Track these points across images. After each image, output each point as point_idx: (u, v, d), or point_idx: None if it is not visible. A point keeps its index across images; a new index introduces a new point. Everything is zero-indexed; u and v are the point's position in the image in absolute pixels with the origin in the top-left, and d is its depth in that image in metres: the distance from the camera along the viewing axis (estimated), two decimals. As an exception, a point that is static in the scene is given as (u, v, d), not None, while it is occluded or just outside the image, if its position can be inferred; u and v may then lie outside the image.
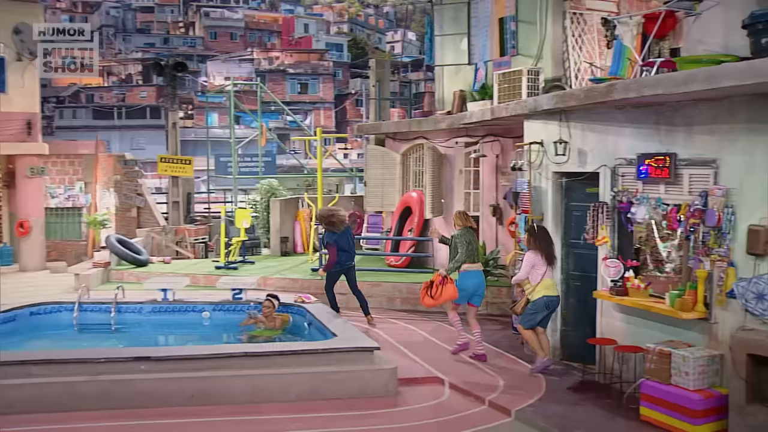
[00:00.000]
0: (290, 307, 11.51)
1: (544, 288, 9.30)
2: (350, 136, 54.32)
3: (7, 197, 20.13)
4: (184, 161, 20.76)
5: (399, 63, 46.64)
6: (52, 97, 61.88)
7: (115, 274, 16.44)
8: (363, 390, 8.58)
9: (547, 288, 9.31)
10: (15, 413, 7.91)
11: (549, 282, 9.36)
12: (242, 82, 43.71)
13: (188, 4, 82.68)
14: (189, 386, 8.31)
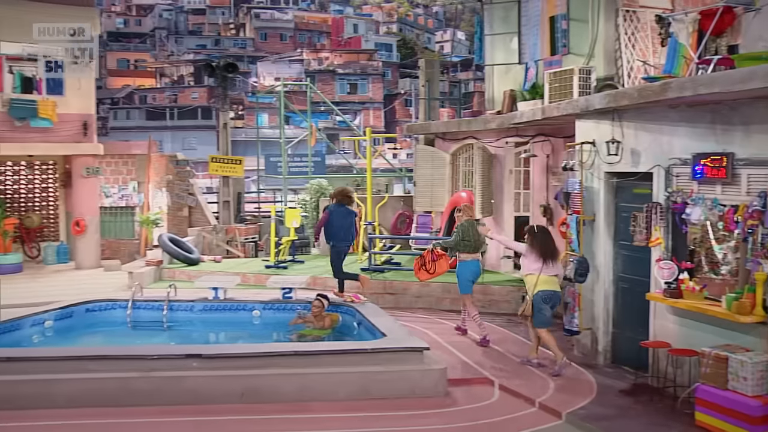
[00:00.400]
0: (339, 306, 11.54)
1: (540, 284, 9.58)
2: (399, 136, 54.34)
3: (64, 197, 20.59)
4: (234, 161, 20.97)
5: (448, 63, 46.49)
6: (107, 98, 63.09)
7: (167, 273, 16.67)
8: (412, 390, 8.56)
9: (543, 283, 9.59)
10: (72, 407, 8.08)
11: (545, 278, 9.63)
12: (292, 83, 44.04)
13: (239, 6, 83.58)
14: (239, 384, 8.38)
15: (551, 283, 9.70)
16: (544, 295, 9.60)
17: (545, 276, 9.65)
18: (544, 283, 9.63)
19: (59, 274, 18.53)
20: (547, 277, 9.67)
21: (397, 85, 69.93)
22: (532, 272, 9.67)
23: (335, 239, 12.28)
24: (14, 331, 10.57)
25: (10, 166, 20.33)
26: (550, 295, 9.64)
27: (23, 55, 19.13)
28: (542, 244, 9.73)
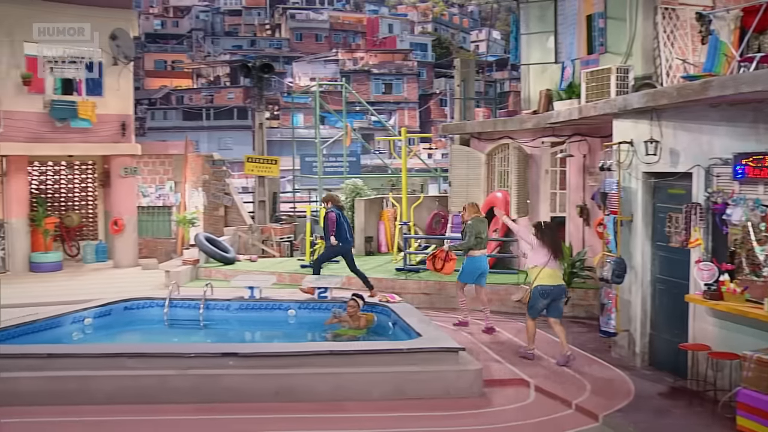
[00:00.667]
0: (375, 306, 11.55)
1: (542, 278, 9.92)
2: (434, 135, 54.22)
3: (103, 196, 20.86)
4: (270, 161, 21.08)
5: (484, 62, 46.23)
6: (145, 99, 63.87)
7: (204, 272, 16.81)
8: (447, 391, 8.53)
9: (545, 277, 9.91)
10: (111, 403, 8.18)
11: (548, 272, 9.93)
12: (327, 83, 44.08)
13: (274, 7, 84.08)
14: (274, 383, 8.42)
15: (554, 277, 10.00)
16: (543, 290, 9.91)
17: (549, 270, 9.92)
18: (547, 277, 9.92)
19: (98, 272, 18.79)
20: (551, 270, 9.96)
21: (432, 85, 69.85)
22: (538, 265, 9.97)
23: (344, 240, 13.43)
24: (55, 328, 10.75)
25: (51, 166, 20.64)
26: (549, 290, 9.92)
27: (64, 57, 19.43)
28: (552, 241, 10.10)
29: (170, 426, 7.73)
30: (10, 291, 16.09)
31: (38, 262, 18.85)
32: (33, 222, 19.23)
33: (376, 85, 66.63)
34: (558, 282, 10.07)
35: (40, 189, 20.33)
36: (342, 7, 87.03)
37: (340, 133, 24.31)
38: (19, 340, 9.95)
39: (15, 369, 8.44)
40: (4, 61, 17.95)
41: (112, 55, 19.33)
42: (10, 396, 8.19)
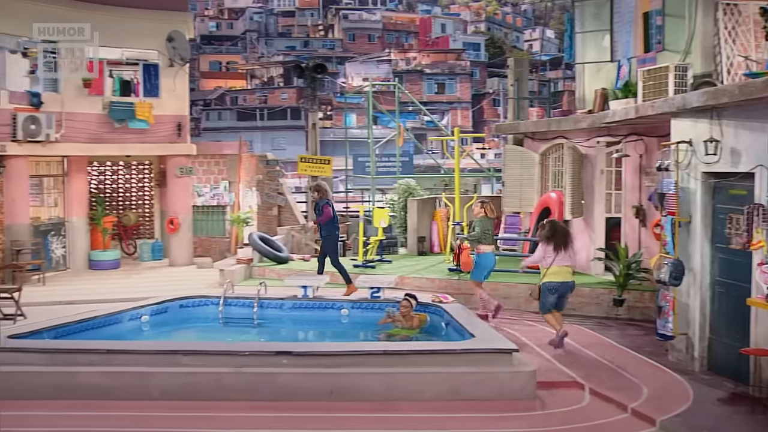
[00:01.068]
0: (428, 306, 11.52)
1: (551, 275, 10.51)
2: (487, 135, 53.95)
3: (159, 195, 21.22)
4: (323, 161, 21.18)
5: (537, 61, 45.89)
6: (200, 100, 64.74)
7: (257, 271, 16.97)
8: (501, 392, 8.47)
9: (553, 275, 10.50)
10: (166, 399, 8.31)
11: (557, 269, 10.51)
12: (380, 83, 44.22)
13: (327, 7, 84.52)
14: (328, 382, 8.46)
15: (561, 274, 10.55)
16: (551, 286, 10.52)
17: (556, 267, 10.49)
18: (554, 274, 10.50)
19: (154, 270, 19.12)
20: (558, 268, 10.51)
21: (485, 85, 69.50)
22: (547, 263, 10.55)
23: (336, 230, 13.75)
24: (113, 324, 10.97)
25: (109, 165, 21.08)
26: (557, 287, 10.53)
27: (122, 60, 19.84)
28: (555, 237, 10.58)
29: (224, 423, 7.81)
30: (71, 288, 16.50)
31: (97, 260, 19.27)
32: (92, 221, 19.66)
33: (428, 85, 66.55)
34: (566, 279, 10.58)
35: (98, 188, 20.78)
36: (395, 7, 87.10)
37: (393, 133, 24.33)
38: (79, 335, 10.19)
39: (76, 363, 8.65)
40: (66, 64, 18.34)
41: (169, 56, 19.64)
42: (70, 389, 8.39)
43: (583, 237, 14.83)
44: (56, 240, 18.81)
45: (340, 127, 50.76)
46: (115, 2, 18.76)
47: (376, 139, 24.20)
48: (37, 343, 9.19)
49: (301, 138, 50.59)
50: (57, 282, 17.39)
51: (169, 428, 7.63)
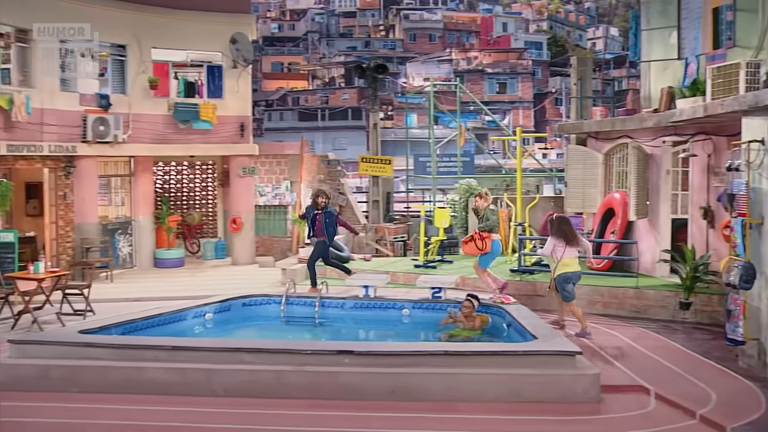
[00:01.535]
0: (489, 307, 11.44)
1: (562, 266, 11.35)
2: (550, 135, 53.39)
3: (222, 195, 21.53)
4: (384, 161, 21.24)
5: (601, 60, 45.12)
6: (262, 100, 65.49)
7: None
8: (563, 395, 8.35)
9: (566, 266, 11.34)
10: (229, 396, 8.42)
11: (567, 260, 11.36)
12: (441, 83, 44.11)
13: (388, 8, 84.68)
14: (389, 381, 8.45)
15: (573, 264, 11.41)
16: (566, 276, 11.33)
17: (566, 259, 11.31)
18: (565, 265, 11.33)
19: (217, 269, 19.40)
20: (567, 260, 11.34)
21: (548, 84, 68.77)
22: (558, 256, 11.35)
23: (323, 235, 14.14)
24: (178, 321, 11.18)
25: (174, 166, 21.48)
26: (569, 277, 11.36)
27: (187, 62, 20.20)
28: (563, 231, 11.36)
29: (285, 420, 7.87)
30: (137, 285, 16.87)
31: (162, 258, 19.65)
32: (157, 220, 20.06)
33: (490, 85, 66.17)
34: (575, 269, 11.48)
35: (164, 188, 21.19)
36: (456, 6, 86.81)
37: (454, 133, 24.25)
38: (145, 332, 10.41)
39: (142, 359, 8.83)
40: (133, 67, 18.79)
41: (232, 58, 19.92)
42: (138, 384, 8.57)
43: (648, 238, 14.55)
44: (123, 238, 19.25)
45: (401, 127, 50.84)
46: (179, 6, 19.13)
47: (437, 139, 24.12)
48: (106, 338, 9.42)
49: (362, 138, 50.75)
50: (124, 279, 17.80)
51: (232, 424, 7.72)
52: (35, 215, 18.66)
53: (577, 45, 79.00)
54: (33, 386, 8.73)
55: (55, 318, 12.90)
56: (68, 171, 17.62)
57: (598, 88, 26.96)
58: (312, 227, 14.22)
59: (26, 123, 16.01)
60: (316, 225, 14.10)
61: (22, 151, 16.10)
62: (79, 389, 8.62)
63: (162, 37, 19.17)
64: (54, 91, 17.01)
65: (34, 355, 9.07)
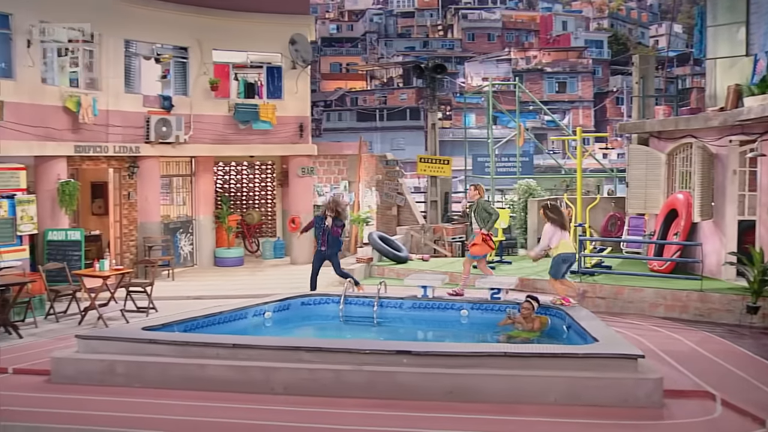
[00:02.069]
0: (549, 309, 11.31)
1: (561, 248, 11.70)
2: (610, 135, 52.62)
3: (281, 195, 21.74)
4: (442, 161, 21.18)
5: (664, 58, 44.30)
6: (321, 101, 65.97)
7: (377, 270, 17.12)
8: (625, 399, 8.19)
9: (563, 247, 11.71)
10: (288, 394, 8.48)
11: (564, 242, 11.75)
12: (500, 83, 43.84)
13: (447, 7, 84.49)
14: (448, 382, 8.41)
15: (568, 246, 11.86)
16: (564, 257, 11.78)
17: (564, 241, 11.77)
18: (563, 246, 11.76)
19: (276, 268, 19.59)
20: (565, 241, 11.80)
21: (608, 83, 67.78)
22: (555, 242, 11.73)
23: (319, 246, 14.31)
24: (239, 320, 11.30)
25: (234, 166, 21.76)
26: (568, 257, 11.85)
27: (247, 63, 20.46)
28: (559, 218, 11.81)
29: (343, 419, 7.88)
30: (198, 283, 17.14)
31: (222, 257, 19.93)
32: (218, 219, 20.35)
33: (549, 84, 65.52)
34: (572, 250, 12.00)
35: (224, 188, 21.50)
36: (515, 5, 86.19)
37: (513, 132, 24.07)
38: (206, 329, 10.55)
39: (204, 356, 8.95)
40: (194, 69, 19.10)
41: (291, 59, 20.10)
42: (199, 380, 8.69)
43: (713, 240, 14.22)
44: (184, 237, 19.58)
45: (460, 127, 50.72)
46: (240, 8, 19.38)
47: (495, 139, 23.98)
48: (169, 335, 9.57)
49: (420, 138, 50.75)
50: (185, 277, 18.10)
51: (291, 422, 7.76)
52: (100, 214, 19.13)
53: (639, 43, 77.72)
54: (99, 380, 8.94)
55: (119, 315, 13.19)
56: (132, 171, 18.00)
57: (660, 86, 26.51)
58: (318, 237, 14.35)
59: (92, 124, 16.41)
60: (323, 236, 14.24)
61: (88, 151, 16.50)
62: (142, 384, 8.79)
63: (223, 39, 19.45)
64: (119, 93, 17.40)
65: (100, 350, 9.28)
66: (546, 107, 33.93)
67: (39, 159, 15.55)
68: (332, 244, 14.19)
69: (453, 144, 45.68)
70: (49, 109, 15.63)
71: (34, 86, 15.27)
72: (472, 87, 60.34)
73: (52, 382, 9.14)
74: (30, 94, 15.14)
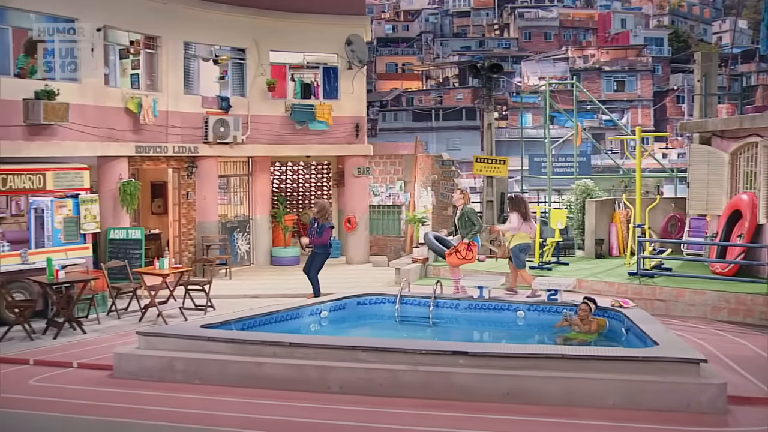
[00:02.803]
0: (607, 311, 11.14)
1: (518, 238, 12.82)
2: (670, 134, 51.65)
3: (337, 195, 21.84)
4: (498, 161, 21.00)
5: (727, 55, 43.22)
6: (376, 101, 66.09)
7: (432, 270, 17.07)
8: (687, 405, 8.00)
9: (521, 238, 12.84)
10: (345, 393, 8.50)
11: (521, 234, 12.80)
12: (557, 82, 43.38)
13: (503, 6, 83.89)
14: (504, 383, 8.33)
15: (526, 237, 12.89)
16: (521, 246, 12.89)
17: (522, 233, 12.79)
18: (521, 237, 12.82)
19: (331, 268, 19.59)
20: (523, 233, 12.81)
21: (668, 81, 66.50)
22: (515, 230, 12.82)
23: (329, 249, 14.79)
24: (295, 318, 11.39)
25: (290, 165, 21.94)
26: (525, 246, 12.96)
27: (303, 64, 20.61)
28: (523, 207, 12.84)
29: (399, 419, 7.87)
30: (254, 282, 17.33)
31: (278, 256, 20.12)
32: (274, 218, 20.54)
33: (607, 83, 64.57)
34: (528, 240, 13.01)
35: (280, 188, 21.68)
36: (572, 3, 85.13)
37: (570, 132, 23.75)
38: (263, 328, 10.65)
39: (261, 354, 9.03)
40: (252, 70, 19.31)
41: (347, 59, 20.18)
42: (256, 378, 8.78)
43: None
44: (241, 236, 19.81)
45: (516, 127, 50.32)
46: (296, 9, 19.55)
47: (552, 138, 23.72)
48: (227, 333, 9.68)
49: (476, 138, 50.50)
50: (241, 276, 18.32)
51: (347, 421, 7.79)
52: (159, 213, 19.47)
53: (701, 39, 76.10)
54: (159, 377, 9.10)
55: (178, 312, 13.40)
56: (190, 171, 18.28)
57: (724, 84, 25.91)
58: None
59: (153, 125, 16.71)
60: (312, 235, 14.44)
61: (148, 152, 16.81)
62: (201, 381, 8.92)
63: (279, 40, 19.63)
64: (178, 95, 17.69)
65: (160, 347, 9.44)
66: (604, 106, 33.45)
67: (102, 159, 15.90)
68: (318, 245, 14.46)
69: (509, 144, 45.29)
70: (112, 110, 15.96)
71: (97, 88, 15.62)
72: (528, 86, 59.84)
73: (114, 377, 9.34)
74: (93, 96, 15.48)
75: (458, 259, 13.23)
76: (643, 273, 14.44)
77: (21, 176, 13.69)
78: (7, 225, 14.93)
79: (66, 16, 15.02)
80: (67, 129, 14.67)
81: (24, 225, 14.75)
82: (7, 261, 13.09)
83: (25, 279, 13.03)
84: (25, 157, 14.01)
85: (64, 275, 12.73)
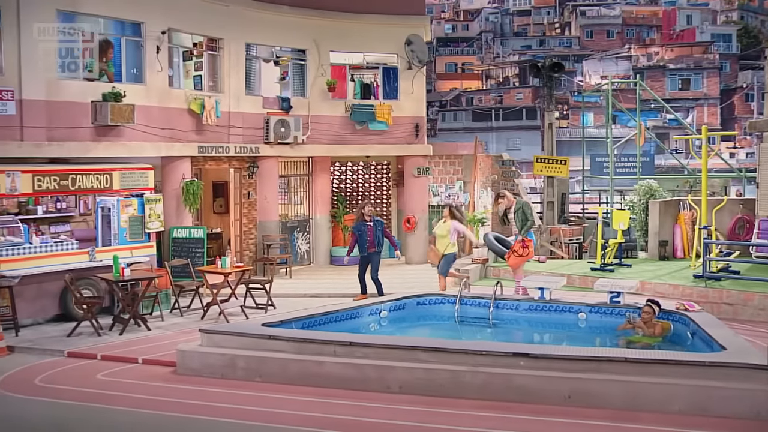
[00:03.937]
0: (671, 314, 10.91)
1: (451, 247, 13.98)
2: (739, 133, 50.40)
3: (396, 195, 21.85)
4: (559, 161, 20.79)
5: (799, 51, 42.16)
6: (436, 101, 65.99)
7: (492, 271, 16.96)
8: (757, 412, 7.77)
9: (453, 247, 14.00)
10: (404, 393, 8.51)
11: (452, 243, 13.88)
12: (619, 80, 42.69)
13: (564, 4, 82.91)
14: (565, 386, 8.23)
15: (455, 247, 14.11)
16: (454, 255, 14.21)
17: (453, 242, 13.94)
18: (453, 247, 14.05)
19: (391, 267, 19.65)
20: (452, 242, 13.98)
21: (737, 79, 64.85)
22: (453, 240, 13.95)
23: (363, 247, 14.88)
24: (355, 318, 11.45)
25: (350, 166, 22.01)
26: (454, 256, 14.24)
27: (363, 64, 20.67)
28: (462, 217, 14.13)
29: (459, 420, 7.84)
30: (314, 281, 17.46)
31: (338, 255, 20.18)
32: (334, 218, 20.65)
33: (672, 81, 63.28)
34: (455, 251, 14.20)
35: (340, 188, 21.77)
36: (635, 0, 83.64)
37: (633, 132, 23.36)
38: (324, 327, 10.72)
39: (321, 353, 9.10)
40: (312, 70, 19.45)
41: (407, 59, 20.18)
42: (317, 377, 8.86)
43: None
44: (301, 236, 19.97)
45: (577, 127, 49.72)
46: (355, 9, 19.61)
47: (614, 138, 23.33)
48: (288, 332, 9.77)
49: (537, 138, 50.04)
50: (301, 275, 18.46)
51: (406, 421, 7.79)
52: (221, 213, 19.75)
53: (773, 35, 73.98)
54: (221, 374, 9.24)
55: (239, 310, 13.57)
56: (252, 171, 18.49)
57: (795, 81, 25.16)
58: (365, 241, 14.66)
59: (215, 126, 16.95)
60: (370, 237, 14.58)
61: (211, 152, 17.06)
62: (262, 379, 9.03)
63: (339, 40, 19.71)
64: (240, 95, 17.90)
65: (222, 344, 9.58)
66: (668, 105, 32.81)
67: (165, 159, 16.19)
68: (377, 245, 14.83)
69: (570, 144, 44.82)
70: (175, 111, 16.24)
71: (161, 90, 15.91)
72: (590, 85, 59.00)
73: (177, 374, 9.52)
74: (158, 97, 15.78)
75: (516, 258, 13.18)
76: (710, 276, 14.10)
77: (89, 176, 14.04)
78: (75, 224, 15.30)
79: (132, 20, 15.36)
80: (132, 130, 14.98)
81: (91, 224, 15.11)
82: (76, 259, 13.40)
83: (93, 276, 13.34)
84: (93, 158, 14.37)
85: (130, 273, 12.99)
